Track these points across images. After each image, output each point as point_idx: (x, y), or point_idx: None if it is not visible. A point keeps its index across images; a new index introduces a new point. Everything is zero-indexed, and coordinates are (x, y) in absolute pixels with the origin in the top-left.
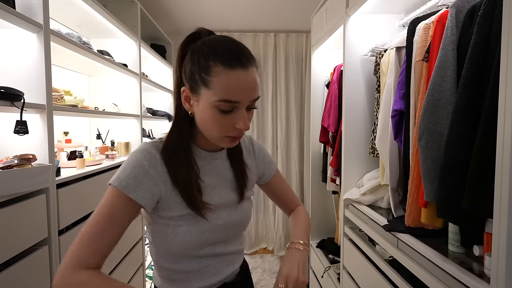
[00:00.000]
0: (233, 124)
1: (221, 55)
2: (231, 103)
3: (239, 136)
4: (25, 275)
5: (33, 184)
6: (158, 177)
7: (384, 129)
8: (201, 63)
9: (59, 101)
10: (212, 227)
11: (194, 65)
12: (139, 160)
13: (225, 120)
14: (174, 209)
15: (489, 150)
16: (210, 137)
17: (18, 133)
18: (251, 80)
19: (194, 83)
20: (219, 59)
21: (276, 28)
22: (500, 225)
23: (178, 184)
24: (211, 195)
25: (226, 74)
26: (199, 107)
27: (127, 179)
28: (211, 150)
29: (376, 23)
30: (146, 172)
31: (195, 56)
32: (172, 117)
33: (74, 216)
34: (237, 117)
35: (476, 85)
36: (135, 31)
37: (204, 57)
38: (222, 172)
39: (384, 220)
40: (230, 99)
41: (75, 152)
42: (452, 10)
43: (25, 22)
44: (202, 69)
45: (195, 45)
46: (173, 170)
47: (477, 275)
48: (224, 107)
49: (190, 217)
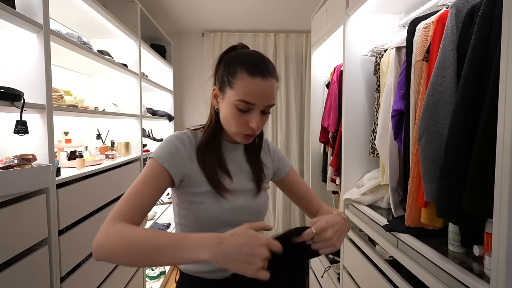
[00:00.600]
0: (247, 122)
1: (247, 64)
2: (247, 104)
3: (251, 135)
4: (25, 275)
5: (33, 184)
6: (186, 155)
7: (384, 129)
8: (231, 68)
9: (59, 101)
10: (230, 208)
11: (225, 69)
12: (172, 140)
13: (241, 118)
14: (198, 186)
15: (489, 150)
16: (229, 131)
17: (18, 133)
18: (268, 89)
19: (222, 84)
20: (245, 67)
21: (276, 28)
22: (500, 225)
23: (204, 163)
24: (227, 179)
25: (247, 79)
26: (223, 104)
27: (162, 153)
28: (231, 142)
29: (376, 23)
30: (177, 149)
31: (228, 62)
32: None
33: (74, 216)
34: (251, 117)
35: (476, 85)
36: (135, 31)
37: (234, 64)
38: (240, 162)
39: (384, 220)
40: (248, 100)
41: (75, 152)
42: (452, 10)
43: (25, 22)
44: (230, 73)
45: (230, 54)
46: (202, 154)
47: (477, 275)
48: (241, 107)
49: (212, 195)
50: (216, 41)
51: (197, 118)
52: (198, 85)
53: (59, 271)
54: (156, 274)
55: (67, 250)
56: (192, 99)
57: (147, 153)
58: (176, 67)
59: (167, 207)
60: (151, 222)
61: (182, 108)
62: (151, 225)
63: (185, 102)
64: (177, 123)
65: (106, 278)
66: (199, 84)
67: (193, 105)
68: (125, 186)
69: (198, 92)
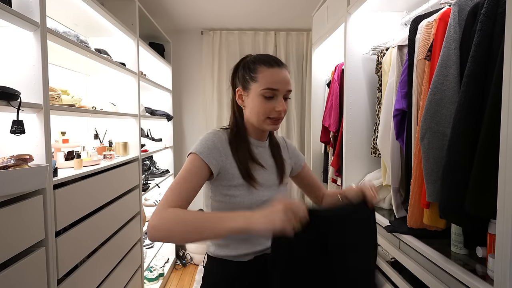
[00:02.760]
0: (273, 107)
1: (264, 60)
2: (272, 90)
3: (278, 118)
4: (21, 277)
5: (30, 185)
6: (222, 150)
7: (386, 128)
8: (250, 67)
9: (56, 100)
10: (258, 201)
11: (245, 70)
12: (210, 137)
13: (268, 104)
14: (232, 179)
15: (492, 150)
16: (257, 120)
17: (14, 133)
18: (285, 75)
19: (245, 82)
20: (262, 62)
21: (276, 27)
22: (504, 226)
23: (239, 158)
24: (257, 173)
25: (267, 70)
26: (249, 99)
27: (202, 148)
28: (257, 139)
29: (377, 21)
30: (214, 145)
31: (246, 65)
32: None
33: (71, 217)
34: (277, 102)
35: (479, 84)
36: (133, 30)
37: (252, 63)
38: (266, 157)
39: (386, 221)
40: (272, 87)
41: (72, 152)
42: (455, 8)
43: (21, 20)
44: (251, 70)
45: (244, 61)
46: (235, 150)
47: (480, 276)
48: (267, 94)
49: (244, 188)
50: (216, 40)
51: (196, 118)
52: (197, 84)
53: (56, 273)
54: (154, 276)
55: (64, 251)
56: (191, 98)
57: (145, 153)
58: (175, 66)
59: None
60: None
61: (181, 108)
62: None
63: (184, 101)
64: (176, 122)
65: (103, 280)
66: (198, 83)
67: (192, 104)
68: (124, 187)
69: (197, 91)
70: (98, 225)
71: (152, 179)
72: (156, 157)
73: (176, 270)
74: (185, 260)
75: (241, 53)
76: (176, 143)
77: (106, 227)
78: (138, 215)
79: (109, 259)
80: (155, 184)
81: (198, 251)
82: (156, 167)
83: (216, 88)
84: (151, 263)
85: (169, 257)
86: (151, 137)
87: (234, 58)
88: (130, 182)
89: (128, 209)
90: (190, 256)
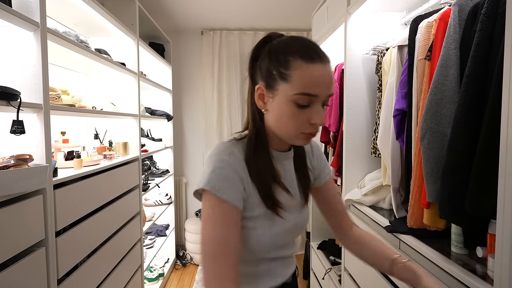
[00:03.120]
0: (308, 119)
1: (300, 50)
2: (309, 96)
3: (314, 133)
4: (21, 277)
5: (30, 185)
6: (243, 176)
7: (386, 128)
8: (280, 58)
9: (56, 100)
10: (282, 230)
11: (272, 61)
12: (225, 160)
13: (301, 115)
14: (251, 209)
15: (492, 150)
16: (286, 134)
17: (14, 133)
18: (328, 75)
19: (271, 79)
20: (298, 53)
21: (276, 26)
22: (504, 226)
23: (259, 180)
24: (282, 195)
25: (306, 67)
26: (274, 103)
27: (218, 182)
28: (281, 150)
29: (377, 21)
30: (235, 171)
31: (273, 53)
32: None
33: (71, 218)
34: (314, 112)
35: (479, 84)
36: (133, 30)
37: (283, 53)
38: (290, 172)
39: (386, 221)
40: (310, 92)
41: (72, 152)
42: (455, 8)
43: (21, 20)
44: (281, 64)
45: (270, 45)
46: (254, 169)
47: (480, 277)
48: (302, 101)
49: (265, 218)
50: (216, 40)
51: (196, 118)
52: (197, 84)
53: (56, 273)
54: (154, 276)
55: (64, 251)
56: (191, 98)
57: (145, 153)
58: (175, 66)
59: (166, 208)
60: (150, 223)
61: (181, 108)
62: (150, 226)
63: (184, 101)
64: (176, 122)
65: (104, 280)
66: (198, 83)
67: (192, 104)
68: (124, 187)
69: (197, 91)
70: (98, 225)
71: (152, 179)
72: (156, 157)
73: (176, 270)
74: (185, 260)
75: (241, 53)
76: (176, 143)
77: (106, 227)
78: (138, 215)
79: (109, 259)
80: (155, 184)
81: (198, 251)
82: (156, 167)
83: (216, 88)
84: (151, 263)
85: (169, 257)
86: (151, 137)
87: (234, 58)
88: (130, 182)
89: (128, 209)
90: (190, 256)
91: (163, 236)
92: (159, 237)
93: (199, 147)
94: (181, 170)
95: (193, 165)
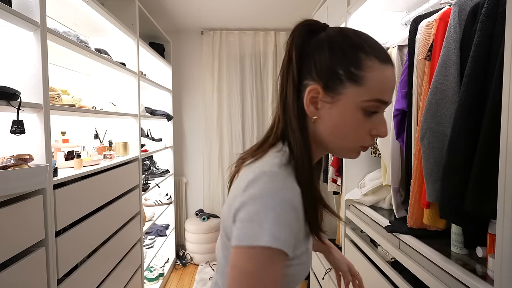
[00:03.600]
0: (370, 130)
1: (374, 48)
2: (382, 103)
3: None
4: (21, 277)
5: (30, 185)
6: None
7: None
8: (348, 54)
9: (56, 100)
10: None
11: (336, 56)
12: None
13: (366, 125)
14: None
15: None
16: (340, 146)
17: (14, 133)
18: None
19: (333, 79)
20: (373, 52)
21: (276, 26)
22: (504, 226)
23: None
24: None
25: (382, 69)
26: (333, 110)
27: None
28: None
29: (377, 21)
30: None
31: (336, 46)
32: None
33: (71, 217)
34: (377, 121)
35: (480, 84)
36: (133, 30)
37: (352, 48)
38: None
39: (386, 221)
40: (384, 99)
41: (72, 152)
42: (455, 8)
43: (21, 20)
44: (350, 61)
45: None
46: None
47: (480, 277)
48: (372, 109)
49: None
50: (216, 40)
51: (196, 118)
52: (197, 84)
53: (56, 273)
54: (154, 276)
55: (64, 251)
56: (191, 98)
57: (145, 153)
58: (175, 66)
59: (166, 208)
60: (150, 223)
61: (181, 107)
62: (150, 226)
63: (184, 101)
64: (176, 122)
65: (104, 280)
66: (198, 83)
67: (192, 104)
68: (124, 187)
69: (197, 91)
70: (98, 225)
71: (152, 179)
72: (156, 157)
73: (176, 270)
74: (185, 260)
75: (241, 53)
76: (176, 143)
77: (106, 227)
78: (138, 215)
79: (109, 259)
80: (155, 184)
81: (198, 251)
82: (156, 167)
83: (216, 88)
84: (151, 263)
85: (169, 257)
86: (151, 137)
87: (234, 58)
88: (130, 182)
89: (128, 209)
90: (190, 256)
91: (163, 236)
92: (159, 237)
93: (199, 147)
94: (181, 170)
95: (193, 165)
